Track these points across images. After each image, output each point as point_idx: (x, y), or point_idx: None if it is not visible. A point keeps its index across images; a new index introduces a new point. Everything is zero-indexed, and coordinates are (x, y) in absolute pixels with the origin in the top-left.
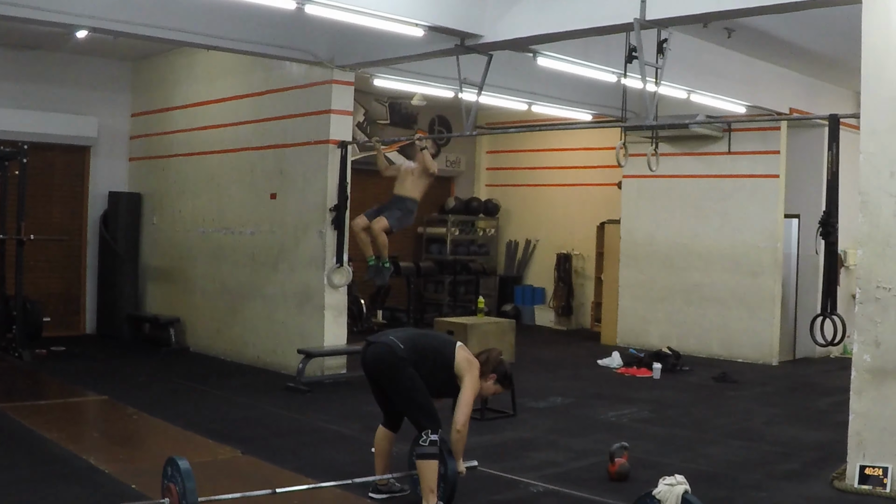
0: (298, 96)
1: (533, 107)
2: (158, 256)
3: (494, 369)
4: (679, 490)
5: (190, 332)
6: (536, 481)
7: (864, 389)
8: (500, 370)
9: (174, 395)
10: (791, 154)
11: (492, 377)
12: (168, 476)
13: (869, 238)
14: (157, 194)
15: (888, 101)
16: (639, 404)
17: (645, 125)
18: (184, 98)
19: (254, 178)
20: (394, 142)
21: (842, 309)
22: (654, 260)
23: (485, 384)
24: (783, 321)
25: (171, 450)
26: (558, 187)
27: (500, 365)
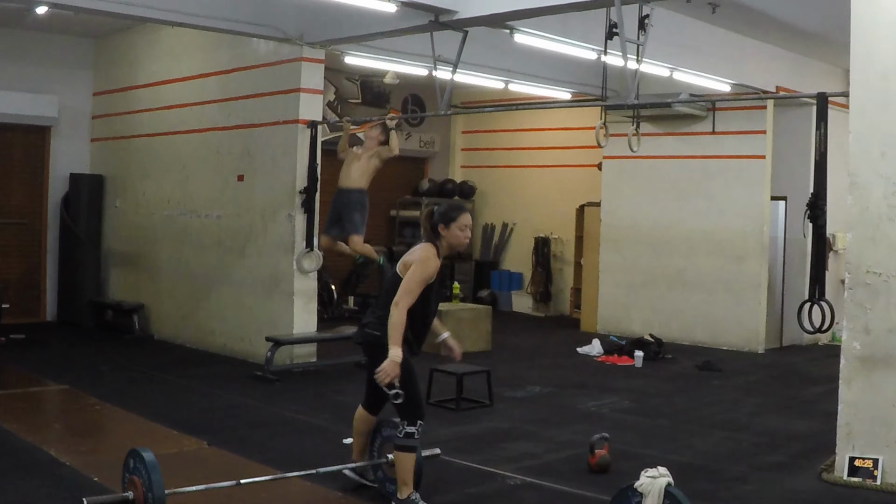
0: (266, 74)
1: (510, 85)
2: (122, 241)
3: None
4: (661, 483)
5: (154, 320)
6: (514, 473)
7: (853, 378)
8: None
9: (138, 384)
10: (778, 134)
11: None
12: (131, 468)
13: (858, 221)
14: (120, 176)
15: (878, 78)
16: (620, 394)
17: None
18: (147, 76)
19: (220, 159)
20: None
21: (830, 294)
22: (636, 244)
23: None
24: (769, 307)
25: (134, 441)
26: (536, 169)
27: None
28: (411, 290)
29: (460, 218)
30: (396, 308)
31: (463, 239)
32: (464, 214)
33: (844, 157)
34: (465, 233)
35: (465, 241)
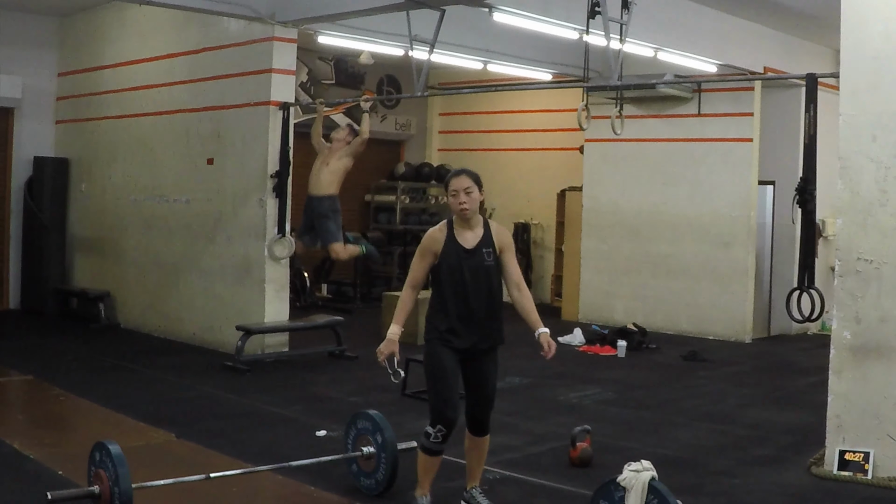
0: (237, 54)
1: (489, 66)
2: (87, 226)
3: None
4: (645, 477)
5: (121, 308)
6: (492, 467)
7: (843, 369)
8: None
9: (104, 374)
10: (765, 116)
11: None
12: (97, 462)
13: (849, 206)
14: (85, 160)
15: (870, 59)
16: (602, 385)
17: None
18: (114, 56)
19: (189, 142)
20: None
21: (820, 282)
22: (619, 230)
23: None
24: (757, 295)
25: (100, 433)
26: (516, 152)
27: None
28: (411, 268)
29: (451, 182)
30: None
31: (456, 205)
32: (454, 178)
33: (834, 141)
34: (456, 198)
35: (460, 208)
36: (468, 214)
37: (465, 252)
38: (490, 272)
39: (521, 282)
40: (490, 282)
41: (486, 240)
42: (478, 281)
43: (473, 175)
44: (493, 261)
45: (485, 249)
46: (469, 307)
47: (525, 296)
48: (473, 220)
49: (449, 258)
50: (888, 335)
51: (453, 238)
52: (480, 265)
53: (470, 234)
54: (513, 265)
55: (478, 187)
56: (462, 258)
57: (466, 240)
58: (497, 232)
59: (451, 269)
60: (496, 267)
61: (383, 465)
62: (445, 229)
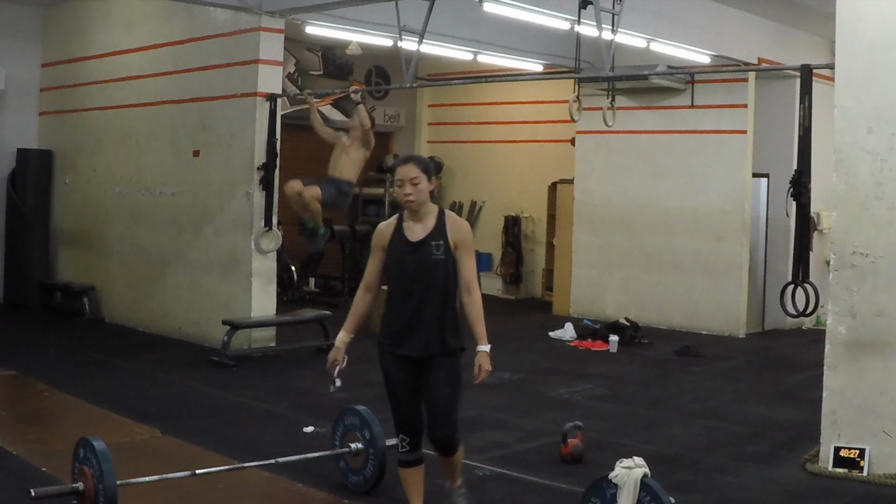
0: (223, 45)
1: (479, 56)
2: (71, 219)
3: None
4: (637, 474)
5: (105, 302)
6: (482, 464)
7: (838, 364)
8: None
9: (88, 369)
10: (760, 108)
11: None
12: (81, 458)
13: (844, 199)
14: (69, 151)
15: (865, 49)
16: (594, 380)
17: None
18: (99, 47)
19: (175, 133)
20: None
21: (814, 276)
22: (611, 223)
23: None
24: (751, 290)
25: (84, 429)
26: (506, 144)
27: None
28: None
29: (396, 171)
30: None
31: (401, 197)
32: (399, 167)
33: (829, 133)
34: (402, 189)
35: (405, 200)
36: (414, 207)
37: (409, 245)
38: (438, 267)
39: (472, 285)
40: (438, 278)
41: (436, 232)
42: (423, 277)
43: (422, 163)
44: (443, 254)
45: (434, 242)
46: (413, 307)
47: (473, 302)
48: (423, 212)
49: (393, 253)
50: (884, 330)
51: (400, 231)
52: (426, 259)
53: (419, 226)
54: (466, 264)
55: (426, 176)
56: (406, 252)
57: (414, 232)
58: (452, 224)
59: (395, 265)
60: (447, 262)
61: (371, 461)
62: (394, 223)
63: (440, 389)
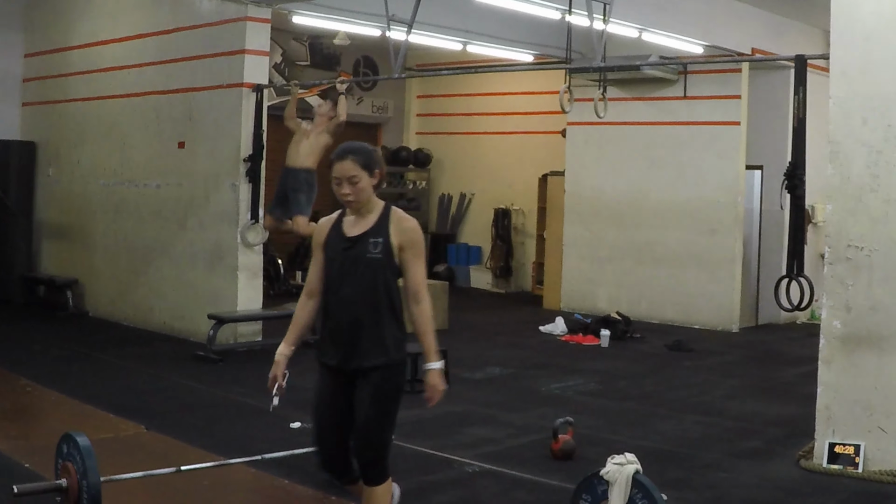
0: (209, 35)
1: (468, 47)
2: (55, 212)
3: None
4: (629, 470)
5: (89, 296)
6: (472, 460)
7: (833, 359)
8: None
9: (72, 364)
10: (753, 99)
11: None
12: (64, 454)
13: (839, 191)
14: (53, 143)
15: (860, 39)
16: (585, 375)
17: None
18: (83, 37)
19: (160, 125)
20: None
21: (809, 270)
22: (602, 216)
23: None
24: (744, 283)
25: (68, 425)
26: (496, 135)
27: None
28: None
29: (333, 167)
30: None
31: (339, 196)
32: (336, 163)
33: (824, 124)
34: (339, 188)
35: (344, 201)
36: (355, 206)
37: (345, 241)
38: (374, 267)
39: (420, 292)
40: (372, 279)
41: (377, 229)
42: (354, 277)
43: (362, 157)
44: (380, 253)
45: (372, 239)
46: (344, 311)
47: (422, 312)
48: (367, 208)
49: (329, 249)
50: (879, 324)
51: (339, 227)
52: (360, 257)
53: (360, 221)
54: (414, 269)
55: (368, 172)
56: (341, 249)
57: (352, 227)
58: (398, 223)
59: (329, 263)
60: (385, 262)
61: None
62: (335, 218)
63: (363, 410)
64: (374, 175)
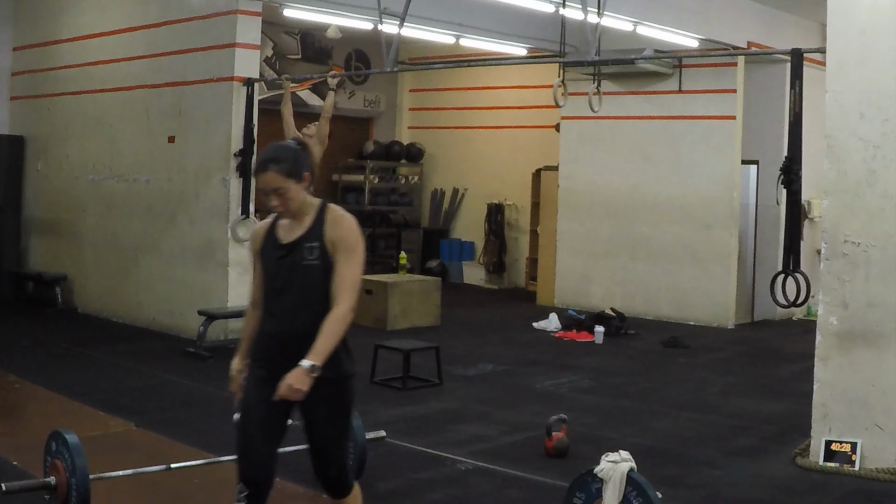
0: (199, 28)
1: (461, 40)
2: (43, 207)
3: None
4: (624, 468)
5: (78, 292)
6: (464, 458)
7: (830, 356)
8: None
9: (60, 361)
10: (749, 93)
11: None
12: (53, 452)
13: (836, 186)
14: (41, 137)
15: (857, 33)
16: (579, 372)
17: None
18: (72, 30)
19: (150, 119)
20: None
21: (805, 266)
22: (596, 211)
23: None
24: (740, 279)
25: (57, 422)
26: (489, 130)
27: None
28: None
29: (257, 179)
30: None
31: (268, 204)
32: (259, 175)
33: (820, 118)
34: (267, 200)
35: (276, 211)
36: (288, 216)
37: (280, 248)
38: (312, 274)
39: (341, 294)
40: (311, 287)
41: (312, 233)
42: (292, 286)
43: (285, 166)
44: (318, 259)
45: (307, 244)
46: (284, 323)
47: (335, 315)
48: (301, 211)
49: (265, 257)
50: (876, 321)
51: (273, 231)
52: (297, 265)
53: (295, 225)
54: (343, 270)
55: (294, 179)
56: (276, 256)
57: (287, 232)
58: (332, 221)
59: (266, 272)
60: (323, 267)
61: (351, 455)
62: (270, 221)
63: (322, 431)
64: (302, 179)
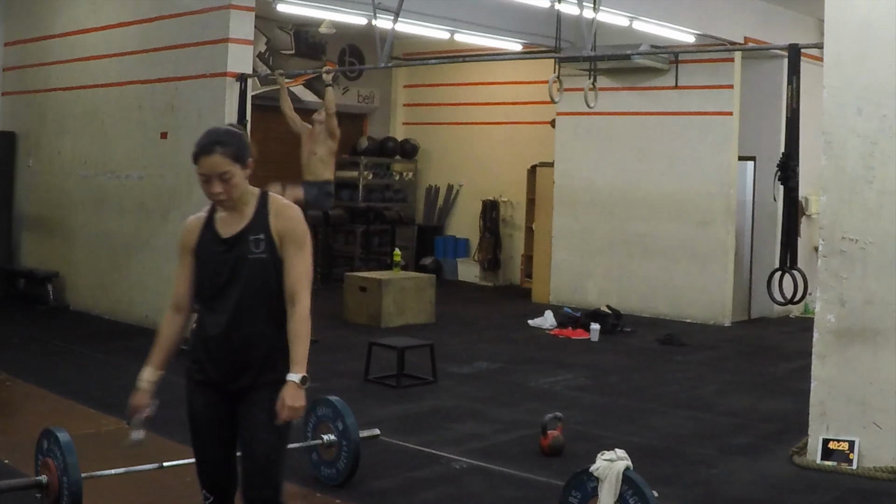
0: (192, 23)
1: (456, 35)
2: (35, 203)
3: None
4: (619, 466)
5: (70, 289)
6: (459, 456)
7: (827, 353)
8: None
9: (52, 358)
10: (746, 89)
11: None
12: (44, 450)
13: (833, 183)
14: (33, 133)
15: (854, 28)
16: (574, 370)
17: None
18: (64, 25)
19: (142, 115)
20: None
21: (802, 263)
22: (592, 208)
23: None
24: (737, 276)
25: (48, 420)
26: (484, 126)
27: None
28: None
29: (199, 162)
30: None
31: (208, 194)
32: (202, 157)
33: (818, 114)
34: (208, 186)
35: (216, 200)
36: (229, 205)
37: (221, 243)
38: (258, 269)
39: (298, 292)
40: (259, 284)
41: (256, 224)
42: (237, 283)
43: (231, 148)
44: (265, 252)
45: (252, 237)
46: (226, 322)
47: (297, 315)
48: (241, 201)
49: (203, 253)
50: (874, 318)
51: (211, 225)
52: (243, 259)
53: (234, 217)
54: (294, 263)
55: (240, 164)
56: (217, 252)
57: (227, 226)
58: (278, 211)
59: (205, 269)
60: (272, 262)
61: (344, 453)
62: (205, 216)
63: (258, 434)
64: (246, 166)
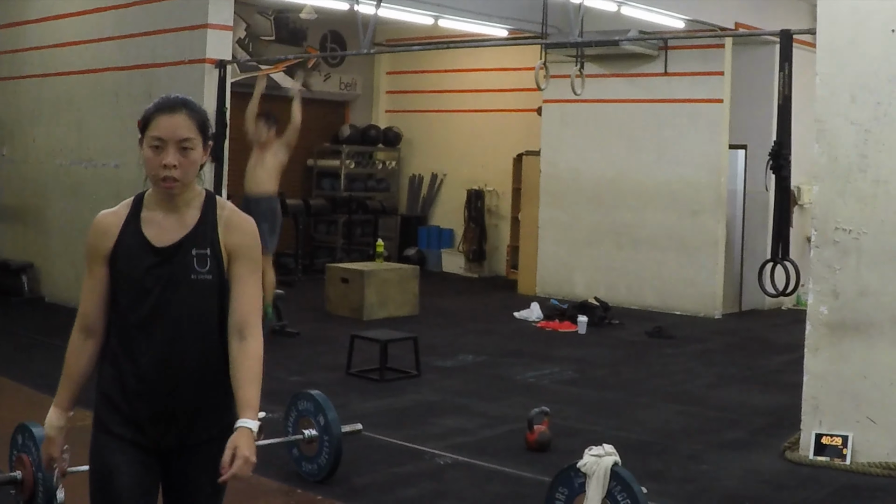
0: (170, 9)
1: (440, 21)
2: (9, 193)
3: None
4: (607, 462)
5: (45, 280)
6: (443, 451)
7: (820, 346)
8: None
9: (26, 351)
10: (737, 75)
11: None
12: (19, 445)
13: (826, 172)
14: (7, 121)
15: (848, 13)
16: (561, 363)
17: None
18: (38, 10)
19: (119, 102)
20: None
21: (795, 254)
22: (580, 197)
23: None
24: (727, 268)
25: (23, 415)
26: (469, 113)
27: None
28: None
29: (155, 121)
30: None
31: (156, 167)
32: (161, 115)
33: (810, 102)
34: (158, 155)
35: (163, 175)
36: (176, 190)
37: (153, 253)
38: (202, 293)
39: (248, 323)
40: (200, 311)
41: (200, 234)
42: (171, 306)
43: (200, 114)
44: (209, 273)
45: (196, 251)
46: (156, 360)
47: (246, 351)
48: (183, 198)
49: (125, 264)
50: (868, 310)
51: (137, 227)
52: (180, 279)
53: (172, 219)
54: (246, 290)
55: (203, 139)
56: (147, 265)
57: (162, 231)
58: (229, 221)
59: (127, 286)
60: (216, 285)
61: (326, 449)
62: (125, 212)
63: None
64: (206, 147)
